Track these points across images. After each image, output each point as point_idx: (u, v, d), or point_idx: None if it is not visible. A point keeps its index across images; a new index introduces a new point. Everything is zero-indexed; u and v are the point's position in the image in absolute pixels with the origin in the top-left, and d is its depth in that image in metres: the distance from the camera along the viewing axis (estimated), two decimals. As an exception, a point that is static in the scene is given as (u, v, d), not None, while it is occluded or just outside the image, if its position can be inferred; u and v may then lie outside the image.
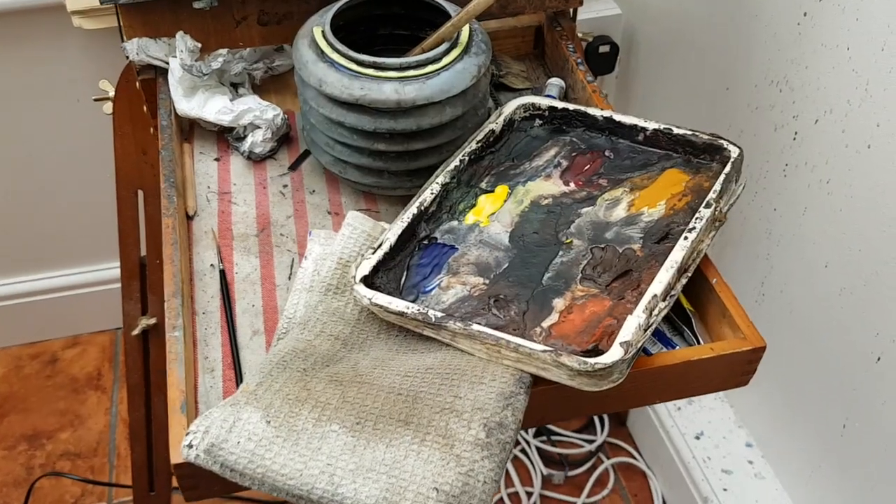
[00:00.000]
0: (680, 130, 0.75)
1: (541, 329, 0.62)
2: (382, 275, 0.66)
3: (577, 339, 0.60)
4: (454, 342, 0.61)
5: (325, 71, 0.72)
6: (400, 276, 0.67)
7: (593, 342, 0.60)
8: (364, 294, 0.63)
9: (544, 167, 0.76)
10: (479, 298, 0.65)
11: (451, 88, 0.72)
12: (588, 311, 0.63)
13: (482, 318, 0.63)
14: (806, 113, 1.06)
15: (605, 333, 0.61)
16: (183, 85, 0.81)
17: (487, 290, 0.65)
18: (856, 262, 1.02)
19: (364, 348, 0.64)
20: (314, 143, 0.79)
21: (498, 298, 0.64)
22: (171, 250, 0.68)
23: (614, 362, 0.56)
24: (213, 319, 0.69)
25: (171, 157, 0.76)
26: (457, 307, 0.64)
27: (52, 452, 1.51)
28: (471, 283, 0.66)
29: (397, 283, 0.67)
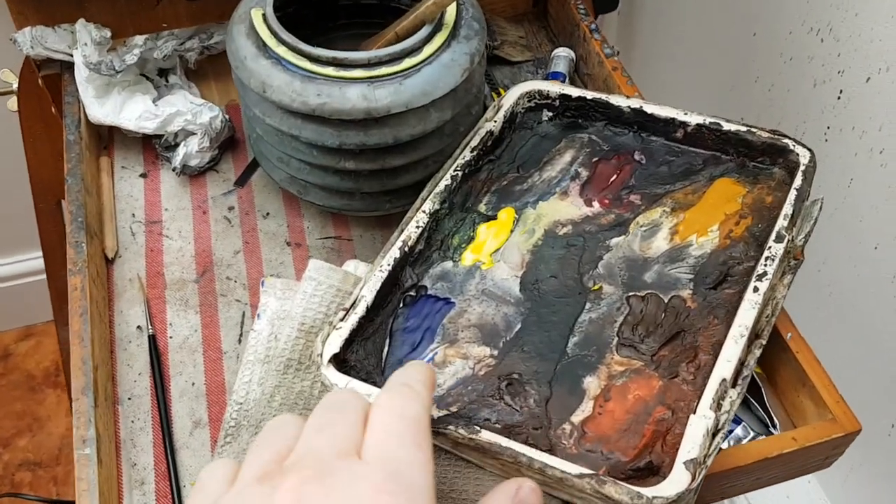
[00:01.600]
0: (731, 126, 0.59)
1: (571, 427, 0.47)
2: (358, 347, 0.50)
3: (622, 444, 0.45)
4: (456, 451, 0.46)
5: (270, 71, 0.55)
6: (381, 347, 0.51)
7: (644, 449, 0.45)
8: (335, 381, 0.47)
9: (559, 180, 0.60)
10: (487, 380, 0.49)
11: (435, 89, 0.55)
12: (632, 398, 0.47)
13: (492, 412, 0.48)
14: (854, 69, 0.89)
15: (657, 433, 0.45)
16: (93, 84, 0.63)
17: (496, 366, 0.50)
18: (915, 246, 0.87)
19: None
20: (263, 156, 0.62)
21: (511, 380, 0.49)
22: (80, 324, 0.52)
23: (679, 494, 0.41)
24: (142, 408, 0.53)
25: (79, 186, 0.59)
26: (458, 394, 0.49)
27: (10, 462, 1.37)
28: (474, 355, 0.50)
29: (378, 358, 0.51)
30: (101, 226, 0.61)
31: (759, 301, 0.48)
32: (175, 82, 0.69)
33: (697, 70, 1.17)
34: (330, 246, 0.63)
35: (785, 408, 0.53)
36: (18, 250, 1.44)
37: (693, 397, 0.47)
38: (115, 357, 0.55)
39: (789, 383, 0.52)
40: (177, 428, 0.53)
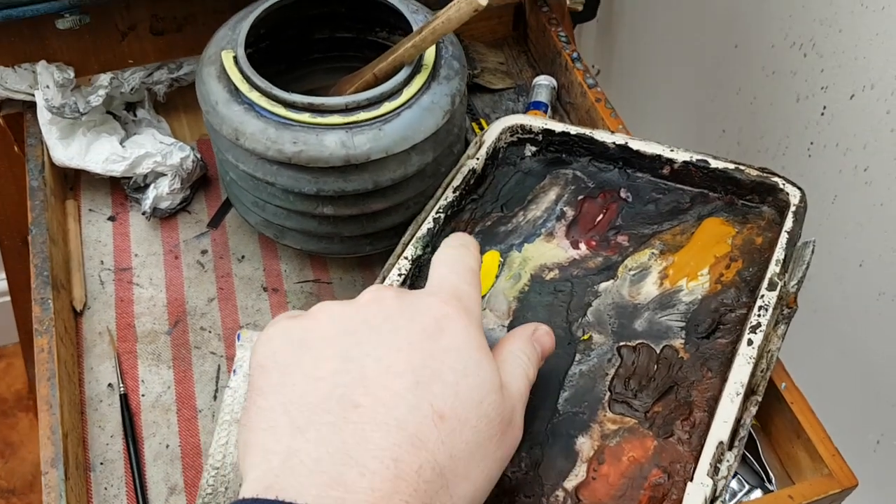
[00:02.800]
0: (719, 163, 0.57)
1: (564, 494, 0.45)
2: (339, 408, 0.48)
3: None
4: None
5: (243, 117, 0.52)
6: (363, 406, 0.49)
7: (639, 517, 0.43)
8: None
9: (544, 220, 0.58)
10: (474, 442, 0.47)
11: (416, 133, 0.53)
12: (626, 459, 0.46)
13: (481, 477, 0.46)
14: (838, 85, 0.88)
15: (654, 500, 0.44)
16: (57, 126, 0.60)
17: (485, 426, 0.48)
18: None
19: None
20: (238, 199, 0.60)
21: (500, 442, 0.47)
22: (48, 389, 0.49)
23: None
24: (115, 473, 0.51)
25: (43, 237, 0.57)
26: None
27: (-18, 490, 1.34)
28: (461, 414, 0.48)
29: (360, 418, 0.49)
30: (68, 276, 0.59)
31: (753, 355, 0.47)
32: (143, 117, 0.67)
33: (677, 80, 1.15)
34: (309, 290, 0.61)
35: (780, 458, 0.52)
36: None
37: (689, 458, 0.45)
38: (86, 419, 0.53)
39: (784, 434, 0.51)
40: (152, 494, 0.50)
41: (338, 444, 0.33)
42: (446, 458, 0.34)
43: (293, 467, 0.33)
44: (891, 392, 0.93)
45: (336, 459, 0.33)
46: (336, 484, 0.32)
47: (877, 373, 0.94)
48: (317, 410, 0.34)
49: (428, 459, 0.34)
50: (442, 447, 0.34)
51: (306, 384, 0.35)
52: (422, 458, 0.33)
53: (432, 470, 0.34)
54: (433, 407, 0.35)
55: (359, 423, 0.34)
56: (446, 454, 0.34)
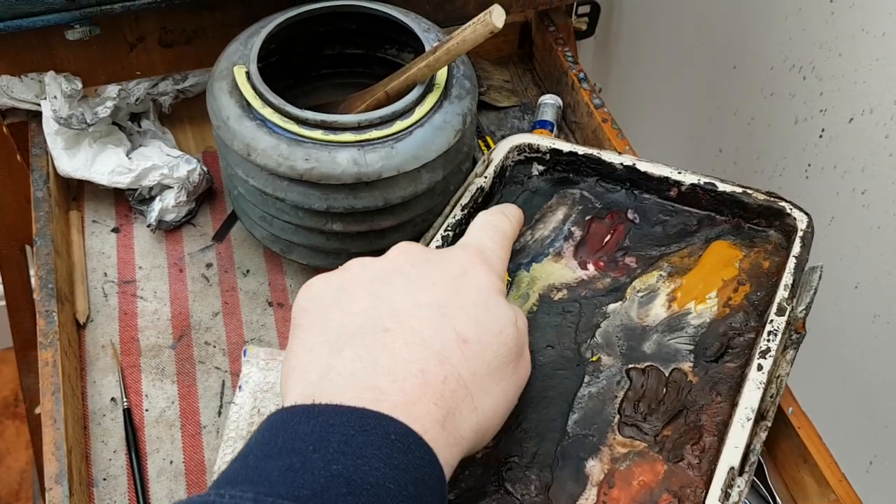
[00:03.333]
0: (726, 186, 0.57)
1: (574, 517, 0.45)
2: (348, 426, 0.48)
3: (628, 536, 0.44)
4: (454, 544, 0.44)
5: (255, 133, 0.52)
6: (372, 424, 0.49)
7: (650, 541, 0.43)
8: None
9: (552, 240, 0.58)
10: (485, 463, 0.47)
11: (427, 152, 0.53)
12: (637, 483, 0.46)
13: (491, 500, 0.46)
14: (837, 109, 0.88)
15: (664, 524, 0.44)
16: (63, 136, 0.60)
17: (494, 447, 0.48)
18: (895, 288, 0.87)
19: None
20: (244, 213, 0.60)
21: (511, 464, 0.47)
22: (52, 404, 0.49)
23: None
24: (118, 489, 0.51)
25: (48, 248, 0.56)
26: (454, 478, 0.47)
27: (-33, 498, 1.32)
28: (470, 435, 0.48)
29: (369, 437, 0.49)
30: (71, 288, 0.58)
31: (763, 380, 0.47)
32: (148, 128, 0.66)
33: (675, 100, 1.16)
34: (313, 305, 0.60)
35: (785, 482, 0.52)
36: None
37: (699, 483, 0.45)
38: (89, 434, 0.52)
39: (790, 459, 0.51)
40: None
41: (371, 359, 0.37)
42: (469, 374, 0.39)
43: (331, 379, 0.37)
44: (885, 413, 0.94)
45: (370, 370, 0.37)
46: (370, 388, 0.36)
47: (871, 394, 0.95)
48: (353, 336, 0.39)
49: (452, 373, 0.38)
50: (465, 364, 0.39)
51: (343, 318, 0.40)
52: (447, 370, 0.38)
53: (456, 381, 0.38)
54: (456, 331, 0.39)
55: (389, 343, 0.38)
56: (469, 370, 0.39)
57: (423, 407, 0.36)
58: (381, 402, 0.35)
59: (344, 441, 0.33)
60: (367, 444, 0.34)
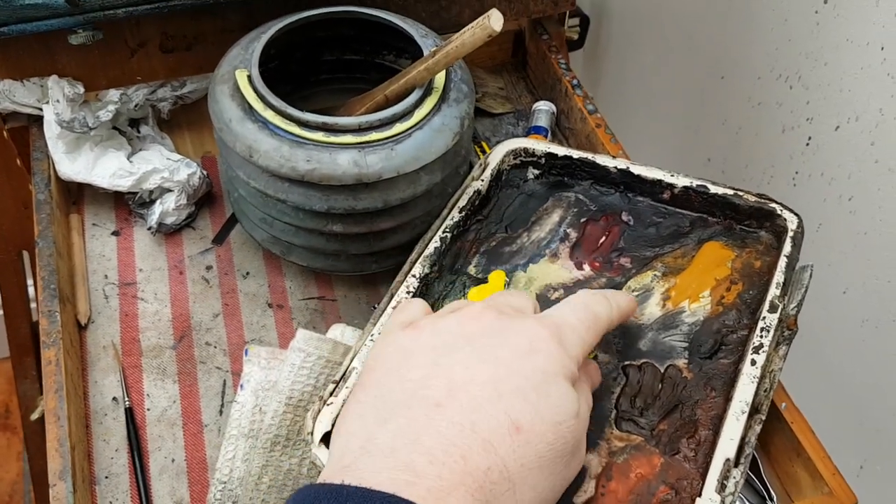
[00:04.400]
0: (718, 189, 0.59)
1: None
2: (350, 423, 0.49)
3: (626, 527, 0.44)
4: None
5: (257, 135, 0.53)
6: (373, 421, 0.50)
7: (648, 532, 0.44)
8: (326, 462, 0.46)
9: (548, 241, 0.59)
10: (484, 457, 0.48)
11: (426, 154, 0.54)
12: (634, 476, 0.47)
13: (491, 493, 0.46)
14: (823, 117, 0.90)
15: (661, 515, 0.45)
16: (64, 140, 0.61)
17: (493, 442, 0.48)
18: (883, 293, 0.88)
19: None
20: (244, 215, 0.61)
21: (510, 458, 0.48)
22: (56, 402, 0.49)
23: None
24: (121, 487, 0.51)
25: (50, 250, 0.57)
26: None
27: (-43, 510, 1.31)
28: (470, 430, 0.49)
29: (370, 433, 0.49)
30: (73, 290, 0.58)
31: (756, 375, 0.48)
32: (147, 133, 0.67)
33: (663, 110, 1.18)
34: (313, 307, 0.61)
35: (779, 477, 0.53)
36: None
37: (695, 476, 0.46)
38: (91, 432, 0.53)
39: (784, 453, 0.52)
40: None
41: (413, 436, 0.36)
42: (517, 465, 0.36)
43: (370, 451, 0.36)
44: (874, 417, 0.95)
45: (409, 448, 0.35)
46: (406, 469, 0.34)
47: (861, 398, 0.96)
48: (401, 406, 0.37)
49: (497, 463, 0.36)
50: (513, 454, 0.36)
51: (397, 384, 0.39)
52: (491, 460, 0.36)
53: (500, 473, 0.36)
54: (511, 417, 0.37)
55: (435, 420, 0.36)
56: (517, 462, 0.36)
57: (459, 498, 0.34)
58: (416, 485, 0.34)
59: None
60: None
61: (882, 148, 0.83)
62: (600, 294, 0.45)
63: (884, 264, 0.87)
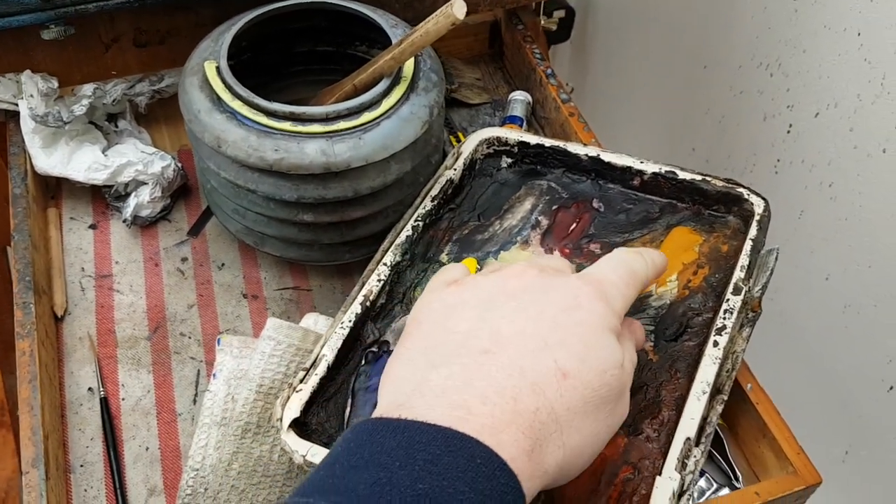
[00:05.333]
0: (686, 175, 0.59)
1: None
2: (319, 409, 0.49)
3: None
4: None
5: (225, 125, 0.54)
6: (343, 408, 0.50)
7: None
8: (296, 448, 0.46)
9: (519, 228, 0.60)
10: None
11: (395, 142, 0.55)
12: (598, 458, 0.47)
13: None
14: (803, 104, 0.91)
15: (624, 495, 0.45)
16: (40, 135, 0.61)
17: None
18: (864, 278, 0.89)
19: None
20: (218, 207, 0.61)
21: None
22: (29, 391, 0.50)
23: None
24: (95, 475, 0.52)
25: (26, 243, 0.57)
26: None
27: (-48, 507, 1.32)
28: (437, 414, 0.50)
29: (340, 419, 0.50)
30: (49, 282, 0.59)
31: (719, 356, 0.49)
32: (125, 128, 0.68)
33: (649, 101, 1.18)
34: (288, 297, 0.62)
35: (746, 458, 0.53)
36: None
37: (657, 455, 0.47)
38: (66, 422, 0.53)
39: (750, 434, 0.52)
40: (132, 496, 0.51)
41: (465, 379, 0.37)
42: (563, 409, 0.37)
43: (423, 392, 0.37)
44: (858, 404, 0.96)
45: (462, 389, 0.36)
46: (459, 407, 0.35)
47: (844, 385, 0.97)
48: (451, 355, 0.39)
49: (545, 405, 0.37)
50: (560, 399, 0.37)
51: (445, 335, 0.40)
52: (539, 402, 0.37)
53: (548, 415, 0.37)
54: (557, 364, 0.38)
55: (486, 365, 0.38)
56: (564, 405, 0.37)
57: (511, 434, 0.35)
58: (469, 421, 0.35)
59: (430, 460, 0.33)
60: (452, 466, 0.33)
61: (860, 133, 0.83)
62: (635, 251, 0.46)
63: (864, 249, 0.88)
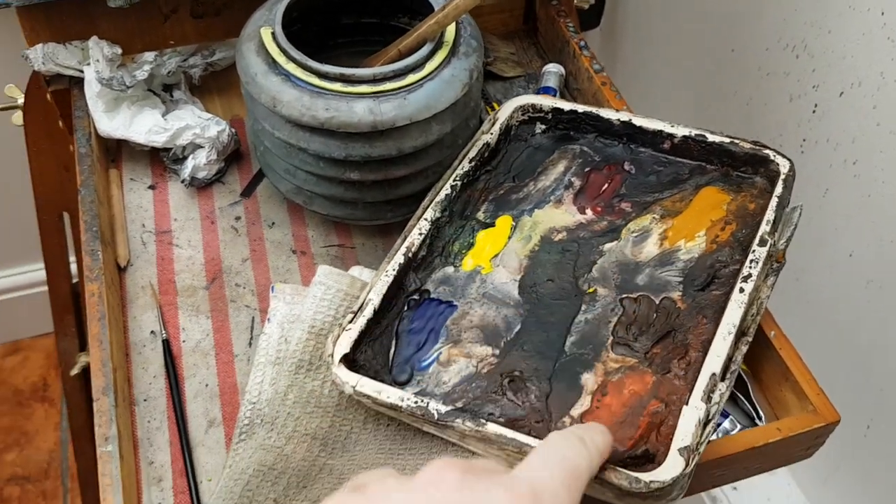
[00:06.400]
0: (715, 137, 0.62)
1: (570, 420, 0.49)
2: (366, 348, 0.53)
3: (619, 435, 0.48)
4: (463, 443, 0.49)
5: (280, 87, 0.57)
6: (388, 347, 0.54)
7: (640, 439, 0.48)
8: (346, 380, 0.50)
9: (553, 189, 0.63)
10: (490, 377, 0.52)
11: (437, 103, 0.58)
12: (627, 392, 0.50)
13: (496, 407, 0.50)
14: (828, 84, 0.93)
15: (652, 425, 0.48)
16: (103, 99, 0.65)
17: (498, 364, 0.52)
18: (887, 254, 0.91)
19: (348, 448, 0.51)
20: (270, 168, 0.65)
21: (513, 377, 0.52)
22: (99, 328, 0.54)
23: (674, 478, 0.44)
24: (158, 408, 0.56)
25: (92, 197, 0.61)
26: (462, 390, 0.51)
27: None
28: (477, 354, 0.53)
29: (385, 358, 0.53)
30: (112, 235, 0.63)
31: (744, 301, 0.52)
32: (180, 98, 0.72)
33: (678, 85, 1.20)
34: (334, 254, 0.65)
35: (769, 402, 0.56)
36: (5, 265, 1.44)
37: (685, 391, 0.50)
38: (131, 361, 0.57)
39: (773, 378, 0.55)
40: (192, 427, 0.55)
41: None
42: None
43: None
44: (880, 378, 0.98)
45: None
46: None
47: (866, 359, 0.99)
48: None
49: None
50: None
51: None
52: None
53: None
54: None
55: None
56: None
57: None
58: None
59: None
60: None
61: (883, 111, 0.85)
62: (574, 437, 0.38)
63: (887, 226, 0.90)
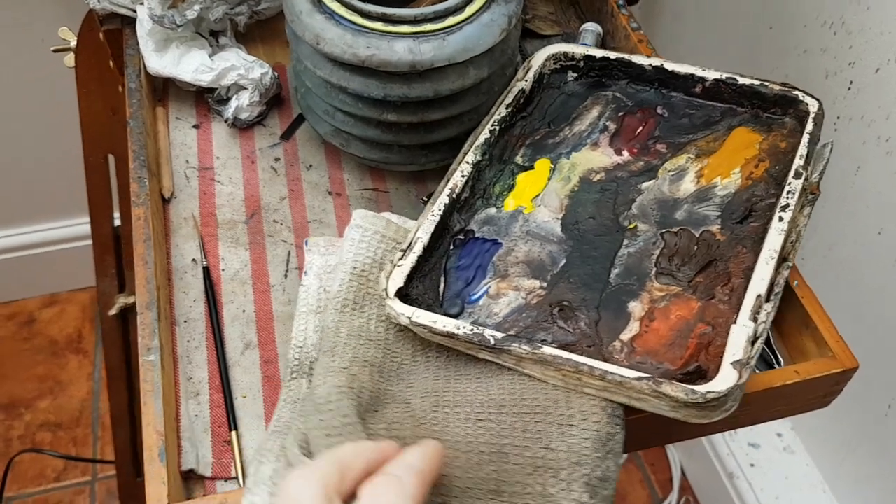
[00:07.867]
0: (746, 80, 0.63)
1: (621, 344, 0.50)
2: (417, 283, 0.54)
3: (669, 355, 0.49)
4: (519, 367, 0.50)
5: (324, 25, 0.59)
6: (437, 284, 0.55)
7: (690, 358, 0.49)
8: (401, 311, 0.51)
9: (588, 132, 0.64)
10: (539, 307, 0.53)
11: (475, 46, 0.59)
12: (674, 317, 0.51)
13: (547, 334, 0.51)
14: (865, 60, 0.93)
15: (701, 345, 0.49)
16: (154, 38, 0.68)
17: (547, 295, 0.54)
18: (918, 230, 0.91)
19: (402, 376, 0.52)
20: (310, 110, 0.67)
21: (562, 306, 0.53)
22: (144, 249, 0.56)
23: (730, 389, 0.45)
24: (197, 329, 0.58)
25: (140, 129, 0.64)
26: (514, 321, 0.53)
27: (31, 423, 1.41)
28: (525, 287, 0.54)
29: (436, 293, 0.55)
30: (158, 168, 0.65)
31: (784, 228, 0.53)
32: (226, 43, 0.74)
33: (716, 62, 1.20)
34: (368, 197, 0.67)
35: (789, 351, 0.56)
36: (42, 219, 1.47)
37: (730, 314, 0.50)
38: (172, 285, 0.60)
39: (794, 326, 0.56)
40: (229, 348, 0.57)
41: None
42: None
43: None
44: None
45: None
46: None
47: (890, 339, 0.98)
48: None
49: None
50: None
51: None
52: None
53: None
54: None
55: None
56: None
57: None
58: None
59: None
60: None
61: (920, 86, 0.85)
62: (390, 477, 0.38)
63: (919, 201, 0.90)
